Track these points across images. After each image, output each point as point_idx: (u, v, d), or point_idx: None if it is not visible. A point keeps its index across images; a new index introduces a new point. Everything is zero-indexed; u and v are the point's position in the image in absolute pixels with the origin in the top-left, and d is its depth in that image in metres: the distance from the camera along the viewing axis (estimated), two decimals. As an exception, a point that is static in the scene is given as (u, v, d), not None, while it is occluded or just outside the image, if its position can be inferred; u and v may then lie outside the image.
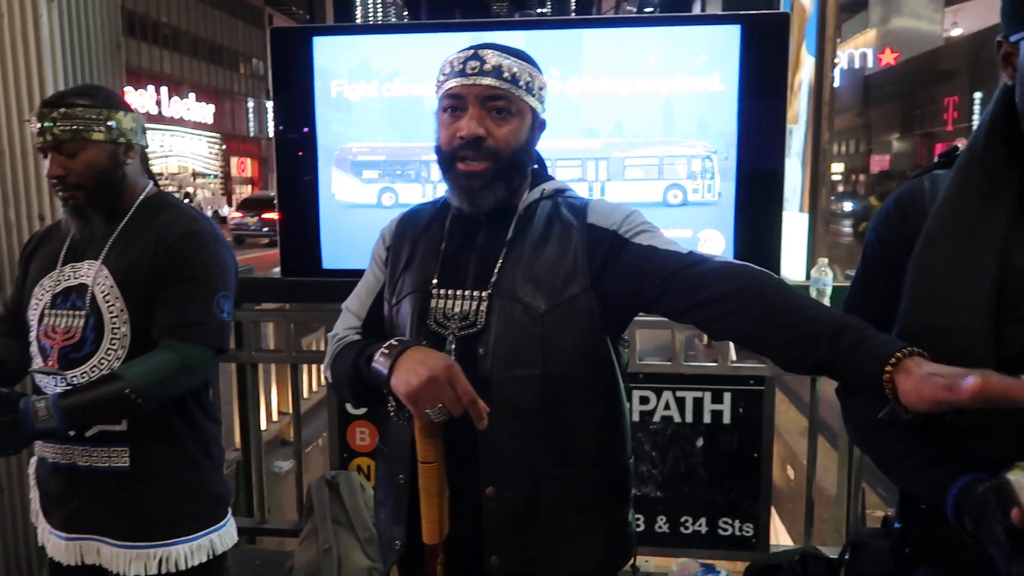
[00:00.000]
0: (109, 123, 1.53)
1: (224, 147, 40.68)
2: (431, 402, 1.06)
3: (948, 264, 1.02)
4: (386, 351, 1.13)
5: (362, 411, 2.65)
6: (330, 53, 2.56)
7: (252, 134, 44.94)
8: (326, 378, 1.36)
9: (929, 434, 1.06)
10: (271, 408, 4.37)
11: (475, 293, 1.23)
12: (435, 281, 1.25)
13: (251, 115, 45.13)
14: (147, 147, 1.65)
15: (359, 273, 2.67)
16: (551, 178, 1.35)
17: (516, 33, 2.53)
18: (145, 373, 1.47)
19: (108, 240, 1.57)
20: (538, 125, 1.28)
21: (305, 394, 4.82)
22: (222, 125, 40.75)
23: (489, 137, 1.19)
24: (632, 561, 1.36)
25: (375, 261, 1.39)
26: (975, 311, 0.99)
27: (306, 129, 2.57)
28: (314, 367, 4.60)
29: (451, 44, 2.48)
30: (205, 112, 38.51)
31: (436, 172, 2.57)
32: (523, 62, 1.23)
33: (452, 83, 1.21)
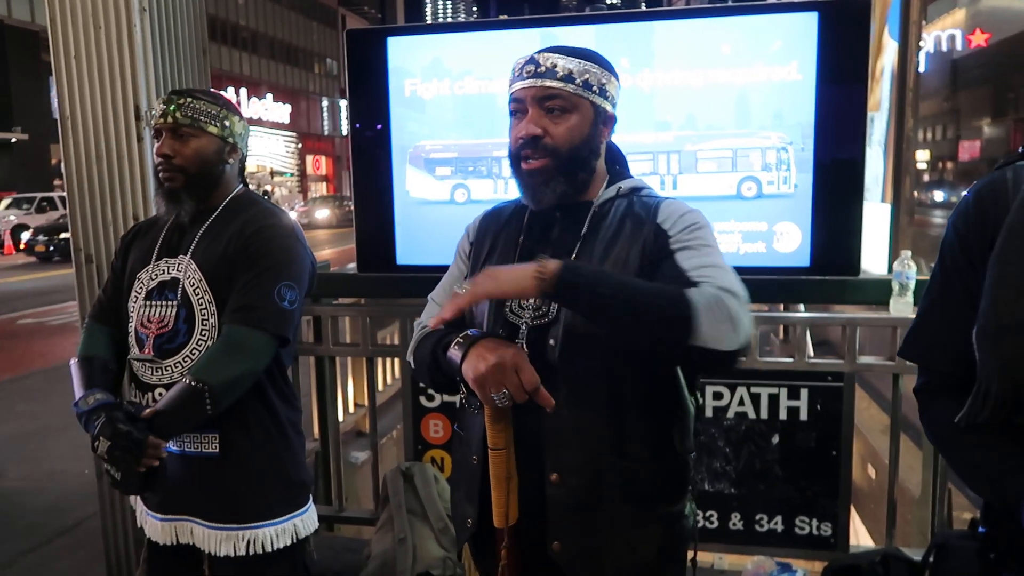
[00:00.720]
0: (224, 122, 1.67)
1: (300, 146, 41.81)
2: (496, 387, 1.12)
3: None
4: (460, 341, 1.20)
5: (436, 404, 2.70)
6: (403, 53, 2.61)
7: (327, 132, 46.01)
8: (408, 363, 1.43)
9: (1008, 440, 1.03)
10: (347, 400, 4.48)
11: None
12: None
13: (325, 114, 46.21)
14: (247, 155, 1.77)
15: (433, 269, 2.72)
16: (630, 176, 1.38)
17: (585, 27, 2.53)
18: (202, 364, 1.56)
19: (196, 236, 1.67)
20: (603, 120, 1.30)
21: (380, 387, 4.92)
22: (298, 124, 41.89)
23: (546, 136, 1.24)
24: (692, 555, 1.38)
25: (459, 255, 1.47)
26: None
27: (380, 127, 2.63)
28: (389, 361, 4.69)
29: (521, 41, 2.53)
30: (282, 112, 39.65)
31: (507, 168, 2.61)
32: (582, 60, 1.26)
33: (514, 87, 1.28)
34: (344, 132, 41.83)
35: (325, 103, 45.86)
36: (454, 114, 2.62)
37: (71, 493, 3.78)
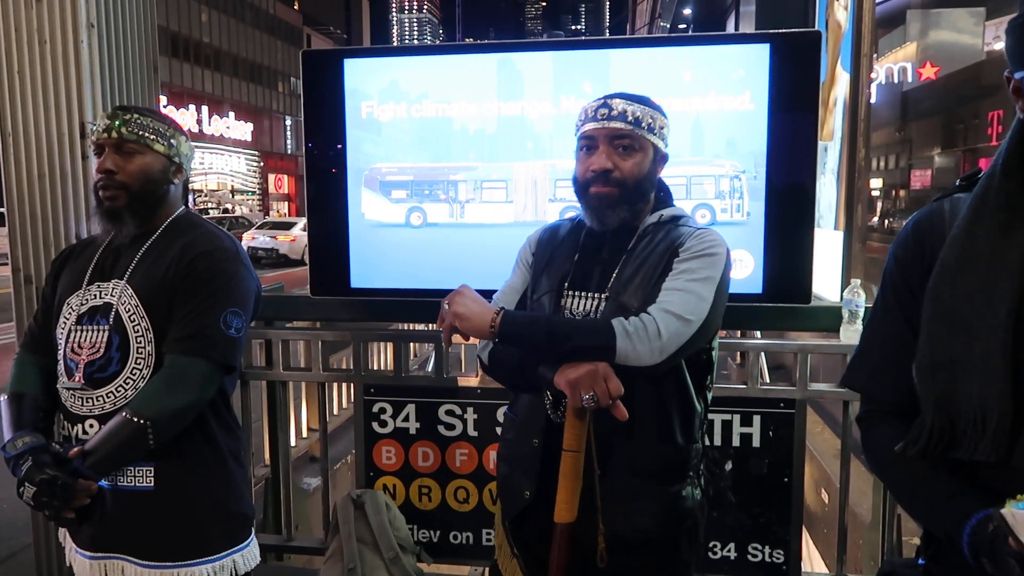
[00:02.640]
0: (172, 140, 1.63)
1: (262, 164, 41.42)
2: (587, 389, 1.34)
3: (965, 295, 1.00)
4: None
5: (388, 430, 2.66)
6: (360, 74, 2.59)
7: (290, 151, 45.68)
8: (480, 359, 1.60)
9: (945, 470, 1.03)
10: (301, 425, 4.40)
11: (596, 295, 1.51)
12: (567, 284, 1.55)
13: (289, 133, 45.92)
14: (190, 177, 1.73)
15: (387, 292, 2.69)
16: (671, 204, 1.60)
17: (544, 54, 2.54)
18: (147, 399, 1.50)
19: (133, 260, 1.61)
20: (660, 158, 1.55)
21: (335, 411, 4.85)
22: (260, 143, 41.53)
23: (616, 170, 1.47)
24: (697, 535, 1.58)
25: (521, 264, 1.68)
26: (993, 343, 0.96)
27: (336, 149, 2.61)
28: (344, 385, 4.63)
29: (479, 65, 2.52)
30: (244, 130, 39.29)
31: (463, 191, 2.60)
32: (646, 107, 1.50)
33: (587, 127, 1.50)
34: (307, 151, 41.60)
35: (289, 122, 45.58)
36: (411, 137, 2.60)
37: (7, 522, 3.63)
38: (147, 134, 1.59)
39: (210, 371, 1.55)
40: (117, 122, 1.58)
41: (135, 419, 1.47)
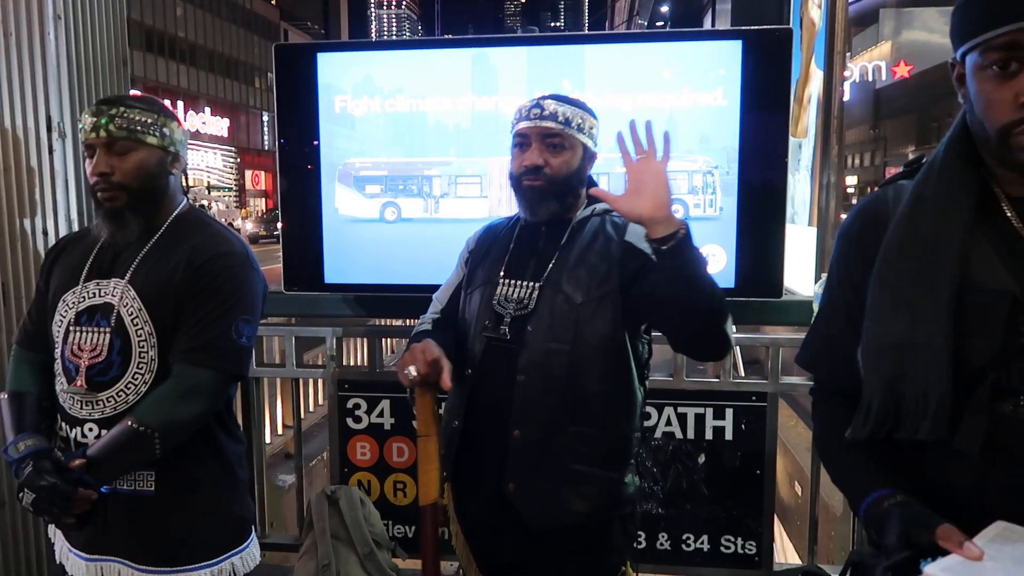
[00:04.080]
0: (164, 130, 1.53)
1: (239, 160, 41.04)
2: (406, 367, 1.47)
3: (909, 280, 1.02)
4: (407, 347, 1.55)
5: (363, 425, 2.65)
6: (334, 69, 2.58)
7: (267, 147, 45.31)
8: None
9: (888, 450, 1.06)
10: (276, 422, 4.37)
11: (530, 284, 1.58)
12: (502, 273, 1.62)
13: (266, 129, 45.53)
14: (187, 164, 1.65)
15: (361, 288, 2.68)
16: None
17: (518, 49, 2.54)
18: (153, 409, 1.46)
19: (136, 258, 1.54)
20: (589, 156, 1.64)
21: (311, 407, 4.82)
22: (237, 139, 41.15)
23: (546, 166, 1.56)
24: (633, 522, 1.66)
25: (460, 261, 1.78)
26: (935, 327, 0.99)
27: (310, 144, 2.59)
28: (320, 381, 4.61)
29: (454, 60, 2.52)
30: (220, 126, 38.91)
31: (437, 187, 2.60)
32: (576, 108, 1.60)
33: (521, 125, 1.59)
34: (285, 147, 41.29)
35: (266, 118, 45.19)
36: (385, 132, 2.59)
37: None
38: (137, 127, 1.49)
39: (221, 381, 1.53)
40: (104, 119, 1.48)
41: (141, 428, 1.44)
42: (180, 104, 34.52)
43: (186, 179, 1.67)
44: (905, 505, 1.00)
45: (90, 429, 1.51)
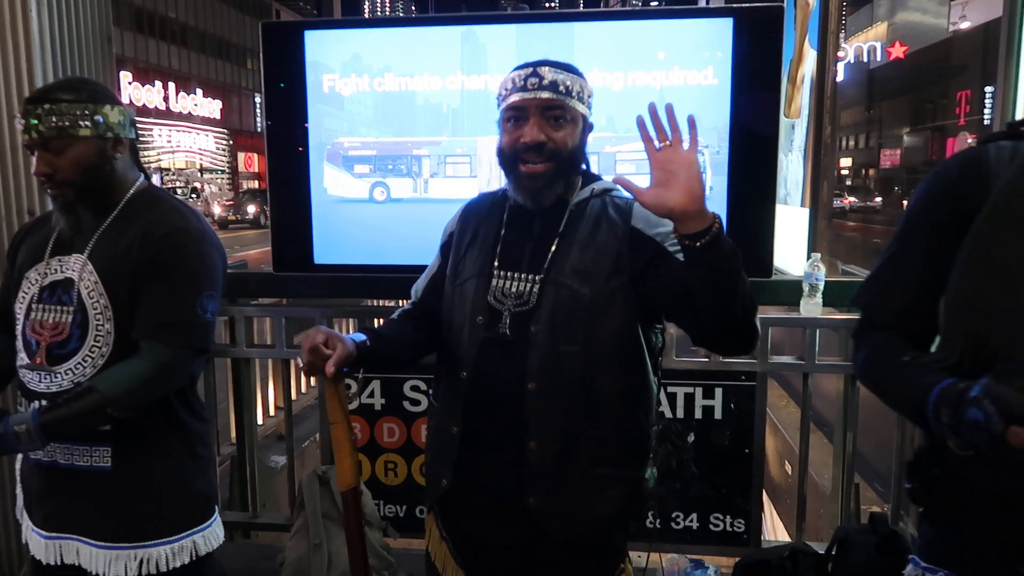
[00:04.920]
0: (96, 118, 1.50)
1: (231, 142, 40.78)
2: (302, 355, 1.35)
3: (1012, 243, 1.01)
4: None
5: (354, 406, 2.65)
6: (322, 47, 2.55)
7: (259, 129, 44.97)
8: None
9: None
10: (268, 403, 4.37)
11: (530, 276, 1.42)
12: (496, 263, 1.45)
13: (258, 110, 45.16)
14: (137, 139, 1.61)
15: (351, 268, 2.68)
16: (599, 178, 1.52)
17: (508, 27, 2.52)
18: (121, 382, 1.46)
19: (94, 234, 1.54)
20: (587, 128, 1.47)
21: (304, 389, 4.83)
22: (229, 120, 40.85)
23: (549, 141, 1.38)
24: (648, 517, 1.64)
25: (440, 249, 1.61)
26: None
27: (297, 124, 2.57)
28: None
29: (443, 38, 2.50)
30: (212, 107, 38.62)
31: (427, 166, 2.58)
32: (574, 75, 1.42)
33: (515, 97, 1.40)
34: (275, 128, 40.95)
35: (258, 99, 44.82)
36: (374, 111, 2.58)
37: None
38: (66, 123, 1.47)
39: (188, 357, 1.53)
40: (32, 120, 1.46)
41: (106, 406, 1.44)
42: (171, 86, 34.22)
43: (137, 154, 1.63)
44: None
45: (43, 403, 1.51)
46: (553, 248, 1.42)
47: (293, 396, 5.40)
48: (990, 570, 1.08)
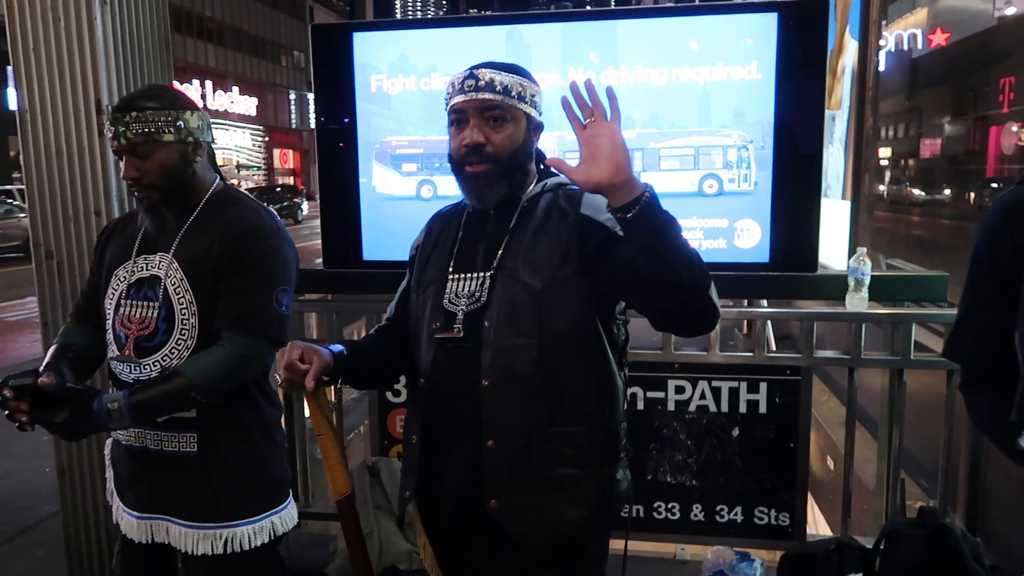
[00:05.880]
0: (178, 124, 1.60)
1: (267, 139, 41.33)
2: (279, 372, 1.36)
3: None
4: None
5: (402, 399, 2.71)
6: (369, 48, 2.61)
7: (294, 126, 45.51)
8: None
9: None
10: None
11: (481, 274, 1.41)
12: (451, 267, 1.45)
13: (293, 107, 45.70)
14: (213, 142, 1.71)
15: (399, 264, 2.72)
16: (555, 175, 1.49)
17: (552, 25, 2.55)
18: (206, 370, 1.54)
19: (178, 234, 1.64)
20: (535, 127, 1.45)
21: (347, 382, 4.91)
22: (265, 117, 41.38)
23: (488, 144, 1.38)
24: (627, 516, 1.53)
25: (408, 264, 1.61)
26: None
27: (347, 123, 2.63)
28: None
29: (487, 37, 2.54)
30: (248, 105, 39.14)
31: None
32: (514, 75, 1.40)
33: (455, 100, 1.40)
34: (312, 126, 41.39)
35: (293, 96, 45.36)
36: (420, 110, 2.63)
37: (30, 492, 3.72)
38: (151, 130, 1.56)
39: (266, 348, 1.62)
40: (120, 127, 1.56)
41: (191, 384, 1.52)
42: (208, 83, 34.77)
43: (214, 157, 1.74)
44: None
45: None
46: (503, 244, 1.42)
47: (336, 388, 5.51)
48: None
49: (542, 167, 1.50)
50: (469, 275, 1.42)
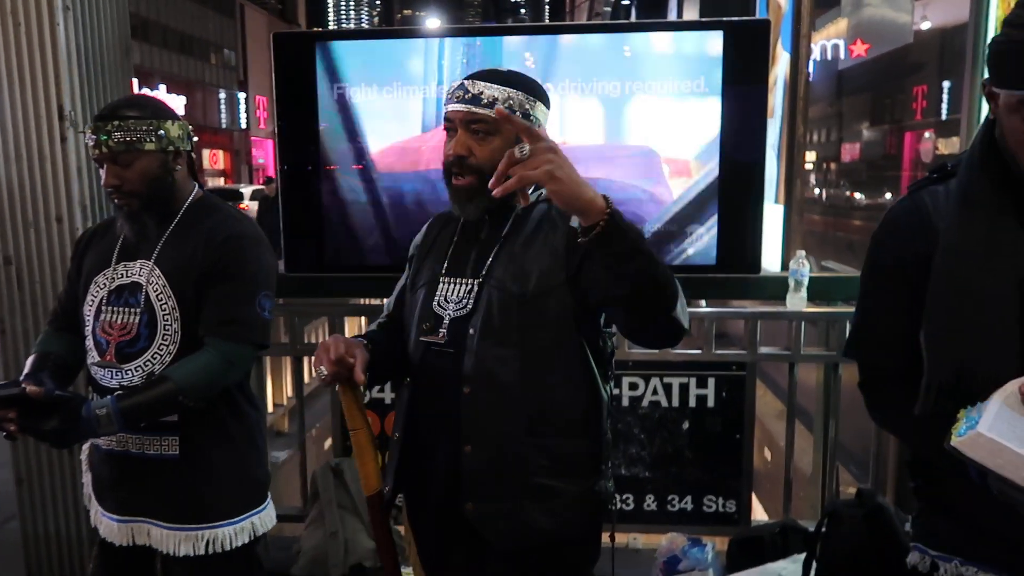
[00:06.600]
0: (159, 133, 1.62)
1: (196, 139, 40.15)
2: (317, 366, 1.35)
3: (973, 272, 1.16)
4: None
5: (365, 400, 2.75)
6: (331, 56, 2.65)
7: (224, 126, 44.37)
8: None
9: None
10: (265, 400, 4.45)
11: (470, 281, 1.42)
12: (443, 271, 1.47)
13: (223, 106, 44.54)
14: (192, 151, 1.74)
15: (359, 268, 2.78)
16: None
17: (505, 39, 2.65)
18: (193, 375, 1.57)
19: (159, 241, 1.66)
20: None
21: (291, 390, 4.91)
22: (193, 117, 40.14)
23: (471, 156, 1.36)
24: (612, 535, 1.53)
25: (407, 262, 1.61)
26: (1005, 312, 1.13)
27: (308, 129, 2.67)
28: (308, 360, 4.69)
29: (447, 48, 2.61)
30: (176, 104, 37.97)
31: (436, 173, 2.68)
32: (509, 87, 1.38)
33: (447, 108, 1.41)
34: (243, 125, 40.47)
35: (223, 95, 44.24)
36: (381, 117, 2.68)
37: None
38: (133, 139, 1.59)
39: (251, 353, 1.67)
40: (102, 136, 1.58)
41: (178, 389, 1.55)
42: (135, 81, 33.66)
43: (193, 164, 1.76)
44: None
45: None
46: (493, 252, 1.42)
47: (290, 392, 5.47)
48: (998, 553, 1.20)
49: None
50: (459, 280, 1.43)
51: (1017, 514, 1.10)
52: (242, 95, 40.10)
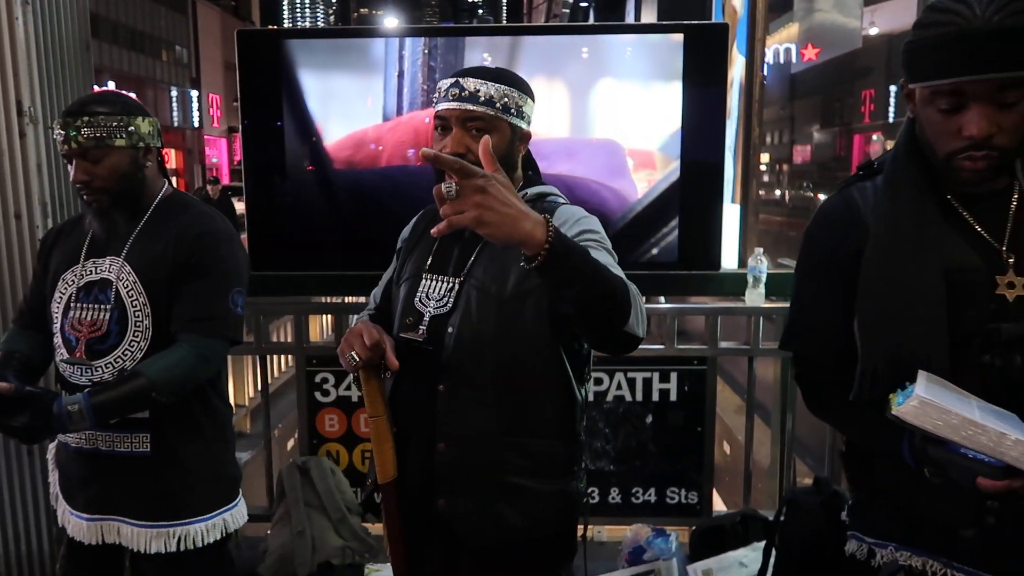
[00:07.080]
0: (130, 129, 1.61)
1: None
2: (347, 352, 1.36)
3: (902, 263, 1.22)
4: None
5: (331, 399, 2.77)
6: (294, 53, 2.65)
7: (176, 124, 43.48)
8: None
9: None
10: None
11: (452, 279, 1.43)
12: (427, 266, 1.47)
13: (175, 104, 43.64)
14: (162, 148, 1.73)
15: (325, 266, 2.77)
16: (541, 182, 1.54)
17: (476, 39, 2.68)
18: (166, 369, 1.57)
19: (130, 238, 1.65)
20: (519, 138, 1.45)
21: (257, 386, 4.86)
22: (145, 114, 39.35)
23: (469, 153, 1.35)
24: (583, 532, 1.55)
25: (395, 254, 1.61)
26: (933, 300, 1.19)
27: (273, 126, 2.66)
28: (274, 358, 4.66)
29: (405, 46, 2.63)
30: (127, 101, 37.13)
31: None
32: (501, 85, 1.40)
33: (440, 107, 1.41)
34: (196, 124, 39.70)
35: (175, 93, 43.35)
36: (346, 114, 2.68)
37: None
38: (102, 135, 1.57)
39: (224, 348, 1.66)
40: (71, 131, 1.56)
41: (152, 390, 1.54)
42: (82, 77, 32.80)
43: (163, 162, 1.75)
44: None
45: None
46: (476, 251, 1.43)
47: (252, 393, 5.41)
48: (930, 537, 1.26)
49: (530, 173, 1.53)
50: (442, 277, 1.44)
51: (948, 498, 1.17)
52: (195, 93, 39.29)
